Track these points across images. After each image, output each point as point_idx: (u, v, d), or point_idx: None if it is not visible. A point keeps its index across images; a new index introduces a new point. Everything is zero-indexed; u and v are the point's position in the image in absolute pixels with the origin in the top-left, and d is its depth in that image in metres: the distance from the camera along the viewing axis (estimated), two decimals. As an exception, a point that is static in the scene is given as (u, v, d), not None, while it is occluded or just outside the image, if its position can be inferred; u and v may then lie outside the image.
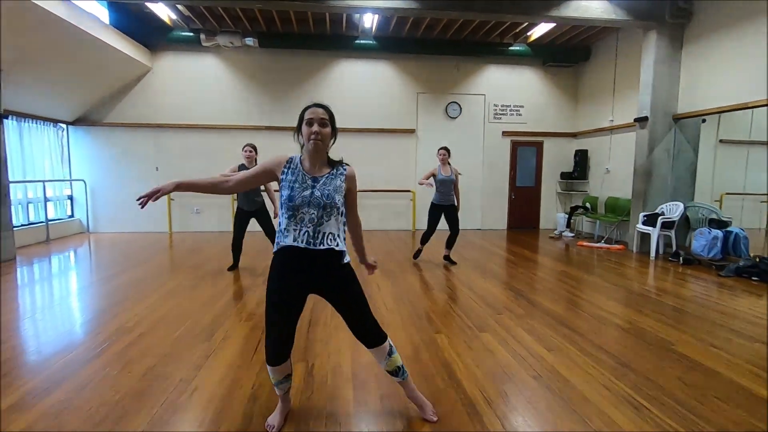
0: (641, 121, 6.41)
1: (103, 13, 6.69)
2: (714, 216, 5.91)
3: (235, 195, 4.92)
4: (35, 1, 4.80)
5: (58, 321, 3.40)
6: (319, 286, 1.86)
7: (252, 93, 8.20)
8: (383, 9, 5.67)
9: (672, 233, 6.06)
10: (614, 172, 7.83)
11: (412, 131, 8.61)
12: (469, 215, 8.89)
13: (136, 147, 8.05)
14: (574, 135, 9.01)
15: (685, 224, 6.25)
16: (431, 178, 5.25)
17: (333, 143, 1.91)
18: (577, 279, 4.86)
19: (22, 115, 6.52)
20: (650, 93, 6.28)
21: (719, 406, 2.19)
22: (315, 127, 1.81)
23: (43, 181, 7.00)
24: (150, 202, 1.81)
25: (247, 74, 8.15)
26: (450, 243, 5.45)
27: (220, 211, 8.28)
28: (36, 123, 6.96)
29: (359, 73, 8.37)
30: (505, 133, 8.86)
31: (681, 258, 5.70)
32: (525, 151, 9.03)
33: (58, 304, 3.84)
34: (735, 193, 6.78)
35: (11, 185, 5.88)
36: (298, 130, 1.89)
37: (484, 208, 8.98)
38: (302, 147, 1.89)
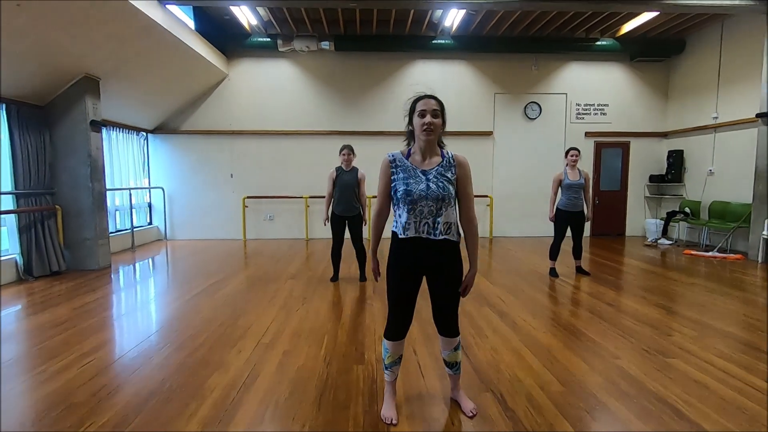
0: (765, 116, 5.77)
1: (188, 21, 6.69)
2: None
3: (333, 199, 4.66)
4: (139, 8, 4.76)
5: (195, 334, 3.20)
6: (432, 270, 1.93)
7: (325, 98, 8.04)
8: (484, 3, 5.34)
9: (810, 241, 5.39)
10: (719, 174, 7.14)
11: (489, 133, 8.21)
12: (547, 222, 8.38)
13: (211, 154, 8.04)
14: (664, 134, 8.35)
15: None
16: (558, 189, 4.88)
17: (443, 131, 1.95)
18: (722, 294, 4.30)
19: (111, 124, 6.58)
20: (777, 85, 5.64)
21: None
22: (427, 118, 1.84)
23: (130, 189, 7.06)
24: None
25: (321, 79, 8.00)
26: (577, 253, 5.02)
27: (293, 217, 8.13)
28: (122, 131, 7.03)
29: (435, 74, 8.06)
30: (588, 134, 8.31)
31: (828, 269, 5.03)
32: (609, 152, 8.44)
33: (179, 316, 3.67)
34: None
35: (105, 193, 5.89)
36: (410, 120, 1.93)
37: (565, 213, 8.41)
38: (410, 136, 1.97)
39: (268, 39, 7.52)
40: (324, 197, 4.74)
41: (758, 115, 5.89)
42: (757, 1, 5.43)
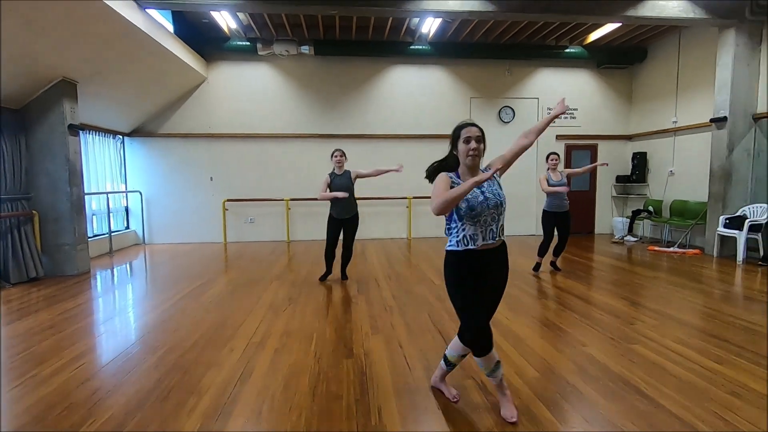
0: (719, 121, 6.22)
1: (167, 24, 6.66)
2: (803, 218, 5.69)
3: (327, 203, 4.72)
4: (119, 11, 4.76)
5: (185, 336, 3.26)
6: (490, 273, 2.06)
7: (305, 101, 8.14)
8: (459, 13, 5.58)
9: (759, 236, 5.84)
10: (679, 175, 7.62)
11: (465, 136, 8.46)
12: (524, 221, 8.73)
13: (190, 157, 8.00)
14: (629, 137, 8.82)
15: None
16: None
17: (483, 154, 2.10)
18: (681, 286, 4.65)
19: (87, 127, 6.48)
20: (729, 92, 6.09)
21: None
22: (473, 144, 2.00)
23: (107, 193, 6.96)
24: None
25: (300, 82, 8.09)
26: (558, 250, 5.29)
27: (274, 220, 8.18)
28: (99, 135, 6.93)
29: (412, 78, 8.29)
30: (558, 137, 8.69)
31: (774, 262, 5.48)
32: (579, 154, 8.84)
33: (166, 319, 3.70)
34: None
35: (82, 197, 5.81)
36: (453, 146, 2.09)
37: (538, 213, 8.76)
38: (450, 159, 2.11)
39: (248, 43, 7.55)
40: (318, 198, 4.69)
41: (712, 120, 6.34)
42: (709, 15, 5.86)
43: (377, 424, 2.06)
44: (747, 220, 5.83)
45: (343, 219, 4.69)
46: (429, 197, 6.95)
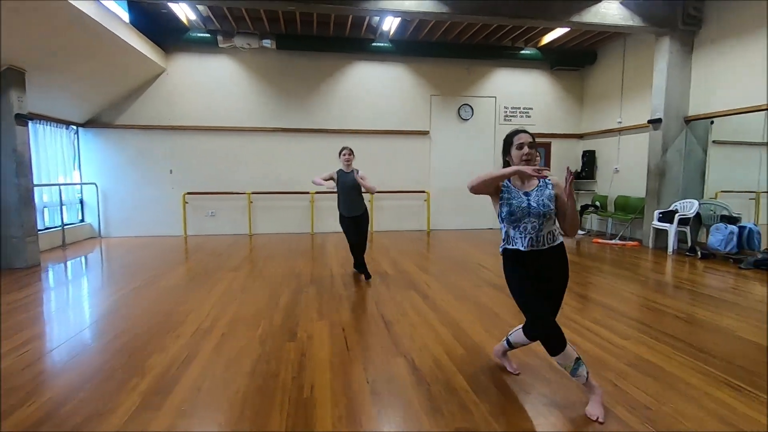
0: (655, 122, 6.70)
1: (122, 13, 6.55)
2: (725, 212, 6.24)
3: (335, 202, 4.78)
4: (71, 2, 4.69)
5: (134, 323, 3.33)
6: (541, 278, 2.13)
7: (267, 95, 8.16)
8: (415, 13, 5.77)
9: (687, 229, 6.36)
10: (623, 172, 8.13)
11: (425, 133, 8.73)
12: (480, 214, 9.05)
13: (149, 149, 7.89)
14: (580, 136, 9.31)
15: (695, 221, 6.55)
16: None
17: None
18: (612, 274, 5.06)
19: (37, 117, 6.31)
20: (663, 96, 6.57)
21: (808, 384, 2.37)
22: (525, 149, 2.08)
23: (59, 185, 6.80)
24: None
25: (262, 76, 8.11)
26: None
27: (235, 213, 8.19)
28: (50, 125, 6.75)
29: (374, 75, 8.45)
30: (515, 135, 9.06)
31: (699, 252, 5.99)
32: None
33: (117, 308, 3.75)
34: (730, 191, 7.02)
35: (32, 189, 5.69)
36: (506, 153, 2.18)
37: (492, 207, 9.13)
38: (506, 166, 2.18)
39: (208, 34, 7.51)
40: (313, 182, 4.67)
41: (649, 121, 6.82)
42: (646, 24, 6.30)
43: (308, 396, 2.24)
44: (677, 215, 6.34)
45: (353, 216, 4.67)
46: (390, 191, 7.25)
